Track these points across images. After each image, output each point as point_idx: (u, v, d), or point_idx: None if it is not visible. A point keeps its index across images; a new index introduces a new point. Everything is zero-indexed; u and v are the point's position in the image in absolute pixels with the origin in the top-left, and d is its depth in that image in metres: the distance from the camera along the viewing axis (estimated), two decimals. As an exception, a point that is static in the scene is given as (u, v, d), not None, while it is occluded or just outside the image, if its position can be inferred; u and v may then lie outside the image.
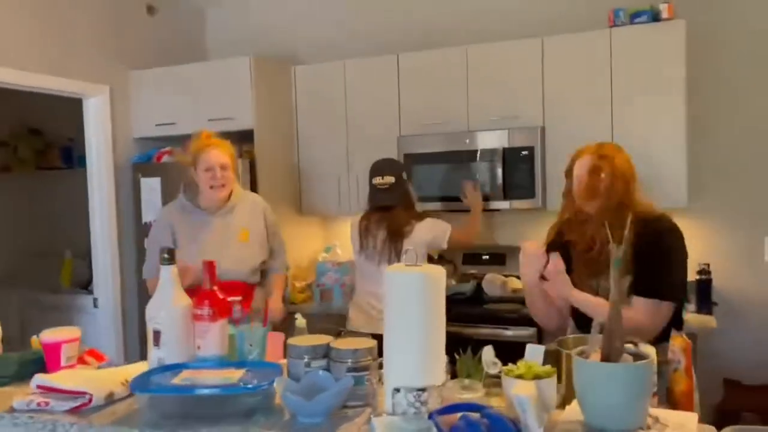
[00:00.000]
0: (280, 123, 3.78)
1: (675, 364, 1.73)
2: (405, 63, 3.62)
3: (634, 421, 1.22)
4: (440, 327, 1.36)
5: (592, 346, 1.27)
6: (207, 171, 2.63)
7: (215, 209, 2.72)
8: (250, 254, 2.74)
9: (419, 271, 1.33)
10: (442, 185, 3.53)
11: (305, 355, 1.50)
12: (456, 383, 1.39)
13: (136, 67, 3.83)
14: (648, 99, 3.14)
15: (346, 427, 1.35)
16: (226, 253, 2.59)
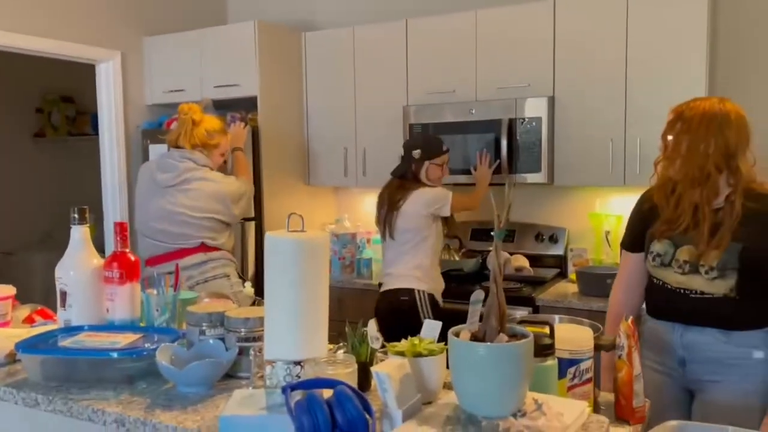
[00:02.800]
0: (288, 91, 3.72)
1: (619, 351, 1.58)
2: (414, 28, 3.47)
3: (506, 406, 1.09)
4: (321, 298, 1.26)
5: (471, 320, 1.14)
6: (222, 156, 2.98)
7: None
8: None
9: (297, 237, 1.23)
10: (447, 157, 3.38)
11: (202, 323, 1.45)
12: (337, 357, 1.29)
13: (150, 33, 3.85)
14: (666, 69, 2.87)
15: (221, 398, 1.29)
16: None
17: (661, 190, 1.83)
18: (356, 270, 3.49)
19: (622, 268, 1.99)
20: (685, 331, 1.81)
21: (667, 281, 1.82)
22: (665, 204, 1.80)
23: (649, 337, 1.90)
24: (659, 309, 1.88)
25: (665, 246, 1.80)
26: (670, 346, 1.84)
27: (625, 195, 3.28)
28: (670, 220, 1.78)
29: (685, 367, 1.83)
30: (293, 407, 1.07)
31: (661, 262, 1.82)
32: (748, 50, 3.02)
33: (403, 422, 1.09)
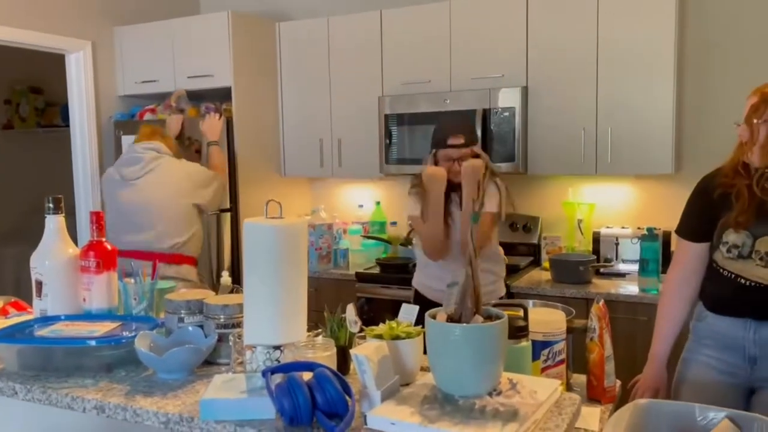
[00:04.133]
0: (262, 81, 3.70)
1: (591, 333, 1.62)
2: (388, 19, 3.48)
3: (482, 385, 1.12)
4: (299, 283, 1.28)
5: (447, 303, 1.17)
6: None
7: None
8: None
9: (275, 223, 1.24)
10: (421, 147, 3.41)
11: (181, 310, 1.45)
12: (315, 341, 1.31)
13: (121, 22, 3.80)
14: (635, 59, 2.93)
15: (201, 384, 1.30)
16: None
17: (738, 177, 1.70)
18: (333, 260, 3.50)
19: (680, 258, 1.85)
20: (759, 327, 1.68)
21: (744, 275, 1.68)
22: (744, 192, 1.67)
23: (711, 334, 1.78)
24: (726, 304, 1.74)
25: (743, 237, 1.67)
26: (739, 343, 1.72)
27: (596, 184, 3.35)
28: (748, 209, 1.66)
29: (755, 365, 1.71)
30: (274, 390, 1.09)
31: (738, 254, 1.68)
32: (716, 40, 3.09)
33: (382, 402, 1.11)
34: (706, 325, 1.79)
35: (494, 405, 1.08)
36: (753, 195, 1.67)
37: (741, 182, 1.68)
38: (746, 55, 3.03)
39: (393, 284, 3.22)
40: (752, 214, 1.66)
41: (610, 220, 3.31)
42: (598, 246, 3.18)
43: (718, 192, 1.73)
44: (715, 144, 2.97)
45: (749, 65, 3.02)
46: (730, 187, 1.69)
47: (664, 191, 3.21)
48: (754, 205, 1.66)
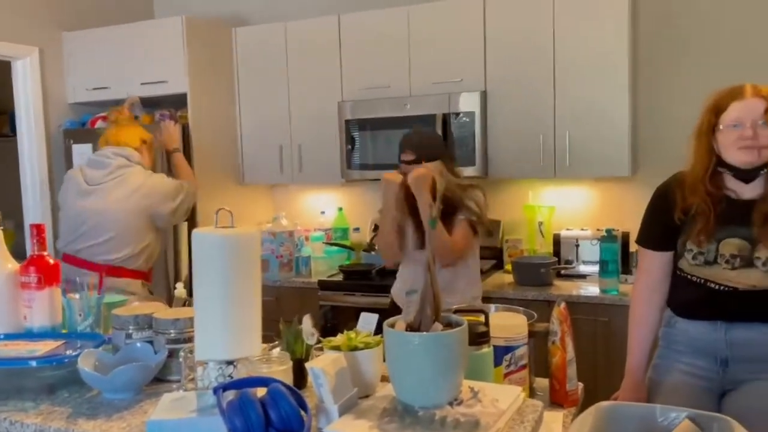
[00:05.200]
0: (219, 87, 3.63)
1: (553, 336, 1.61)
2: (346, 24, 3.44)
3: (442, 395, 1.09)
4: (252, 295, 1.22)
5: (406, 311, 1.13)
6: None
7: None
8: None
9: (225, 233, 1.19)
10: (383, 153, 3.38)
11: (129, 326, 1.38)
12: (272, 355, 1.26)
13: (70, 28, 3.68)
14: (591, 64, 2.97)
15: (149, 403, 1.24)
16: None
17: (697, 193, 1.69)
18: (295, 268, 3.44)
19: (645, 268, 1.83)
20: (729, 329, 1.68)
21: (714, 279, 1.68)
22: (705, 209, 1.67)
23: (682, 339, 1.77)
24: (696, 309, 1.73)
25: (706, 243, 1.67)
26: (710, 347, 1.71)
27: (556, 187, 3.38)
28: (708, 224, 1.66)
29: (727, 367, 1.71)
30: (225, 408, 1.03)
31: (704, 260, 1.68)
32: (669, 45, 3.15)
33: (340, 417, 1.07)
34: (677, 330, 1.79)
35: (455, 415, 1.05)
36: (712, 208, 1.66)
37: (700, 198, 1.67)
38: (698, 58, 3.10)
39: (356, 291, 3.18)
40: (713, 227, 1.66)
41: (570, 222, 3.34)
42: (558, 248, 3.20)
43: (679, 206, 1.71)
44: (670, 146, 3.02)
45: (701, 69, 3.08)
46: (689, 205, 1.68)
47: (622, 193, 3.25)
48: (713, 217, 1.66)
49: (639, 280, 1.86)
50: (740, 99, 1.63)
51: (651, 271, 1.81)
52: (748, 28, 3.02)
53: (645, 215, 1.83)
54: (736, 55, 3.03)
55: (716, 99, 1.69)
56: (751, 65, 2.99)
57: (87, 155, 3.49)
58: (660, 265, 1.79)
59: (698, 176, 1.68)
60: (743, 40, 3.02)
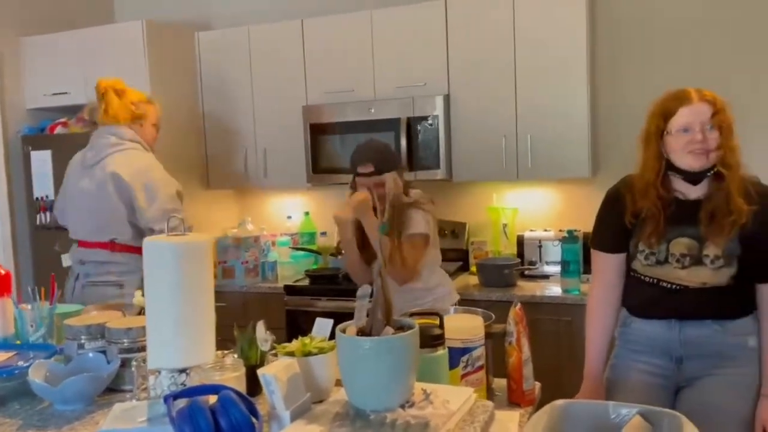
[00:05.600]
0: (182, 92, 3.59)
1: (509, 337, 1.63)
2: (310, 28, 3.45)
3: (394, 398, 1.10)
4: (204, 302, 1.22)
5: (358, 316, 1.14)
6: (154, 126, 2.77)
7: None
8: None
9: (175, 240, 1.19)
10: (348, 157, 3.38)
11: (81, 336, 1.37)
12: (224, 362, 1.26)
13: (28, 33, 3.61)
14: (551, 68, 3.02)
15: (101, 414, 1.23)
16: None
17: (647, 197, 1.72)
18: (261, 273, 3.42)
19: (600, 270, 1.85)
20: (683, 327, 1.72)
21: (666, 278, 1.72)
22: (655, 212, 1.70)
23: (638, 338, 1.81)
24: (650, 308, 1.77)
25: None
26: (665, 345, 1.75)
27: (519, 189, 3.42)
28: (658, 227, 1.70)
29: (681, 364, 1.75)
30: (175, 417, 1.03)
31: (656, 260, 1.72)
32: (628, 47, 3.22)
33: (291, 422, 1.08)
34: (632, 330, 1.82)
35: (406, 418, 1.07)
36: (662, 210, 1.69)
37: (651, 201, 1.69)
38: (657, 61, 3.17)
39: (323, 296, 3.18)
40: (663, 228, 1.69)
41: (533, 223, 3.39)
42: (522, 249, 3.25)
43: (630, 210, 1.74)
44: (629, 148, 3.00)
45: (660, 71, 3.16)
46: (639, 209, 1.72)
47: (583, 194, 3.30)
48: (663, 219, 1.69)
49: (594, 282, 1.89)
50: (688, 104, 1.66)
51: (605, 273, 1.84)
52: (705, 31, 3.10)
53: (597, 219, 1.86)
54: (693, 57, 3.11)
55: (663, 104, 1.71)
56: (708, 67, 3.08)
57: (47, 162, 3.45)
58: (614, 267, 1.82)
59: (649, 180, 1.70)
60: (700, 42, 3.11)
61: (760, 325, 1.71)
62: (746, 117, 3.04)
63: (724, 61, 3.07)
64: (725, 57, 3.07)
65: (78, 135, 3.40)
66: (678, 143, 1.66)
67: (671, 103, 1.69)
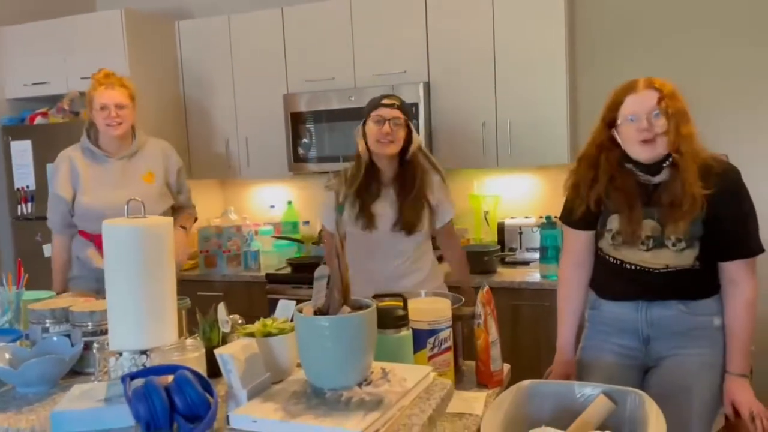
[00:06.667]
0: (162, 81, 3.58)
1: (477, 319, 1.65)
2: (290, 16, 3.44)
3: (351, 376, 1.11)
4: (164, 285, 1.22)
5: (316, 296, 1.15)
6: (102, 110, 2.50)
7: (117, 151, 2.59)
8: (156, 198, 2.61)
9: (134, 223, 1.19)
10: (330, 145, 3.39)
11: (45, 320, 1.37)
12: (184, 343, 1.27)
13: (6, 22, 3.58)
14: (530, 54, 3.02)
15: (62, 395, 1.23)
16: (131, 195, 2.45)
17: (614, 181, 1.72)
18: (243, 262, 3.42)
19: (570, 247, 1.88)
20: (649, 308, 1.75)
21: (629, 260, 1.73)
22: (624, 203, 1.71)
23: (606, 320, 1.83)
24: (616, 290, 1.79)
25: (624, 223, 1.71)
26: (633, 326, 1.77)
27: (499, 176, 3.43)
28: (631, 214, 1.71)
29: (648, 345, 1.77)
30: (131, 396, 1.04)
31: (623, 240, 1.72)
32: (605, 33, 3.23)
33: (249, 401, 1.09)
34: (601, 312, 1.84)
35: (361, 395, 1.08)
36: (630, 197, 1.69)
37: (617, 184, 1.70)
38: (635, 46, 3.18)
39: (304, 284, 3.19)
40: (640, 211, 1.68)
41: (514, 211, 3.40)
42: (503, 236, 3.26)
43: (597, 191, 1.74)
44: None
45: (638, 56, 3.16)
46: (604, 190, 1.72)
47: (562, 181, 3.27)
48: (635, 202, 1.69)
49: (565, 259, 1.92)
50: (633, 93, 1.66)
51: (575, 251, 1.87)
52: (684, 19, 3.11)
53: (566, 197, 1.87)
54: (672, 46, 3.12)
55: (613, 95, 1.72)
56: (687, 55, 3.09)
57: (27, 152, 3.43)
58: (583, 243, 1.84)
59: (608, 171, 1.72)
60: (680, 30, 3.11)
61: (724, 303, 1.73)
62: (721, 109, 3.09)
63: (703, 50, 3.08)
64: (705, 46, 3.08)
65: (58, 125, 3.40)
66: (627, 133, 1.66)
67: (619, 94, 1.70)
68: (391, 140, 2.09)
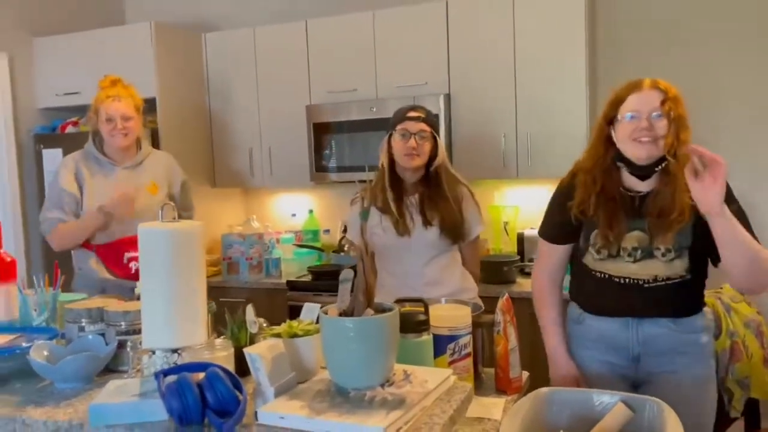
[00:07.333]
0: (189, 92, 3.67)
1: (497, 326, 1.68)
2: (314, 29, 3.51)
3: (374, 377, 1.15)
4: (196, 286, 1.28)
5: (340, 299, 1.20)
6: (108, 122, 2.52)
7: (122, 160, 2.61)
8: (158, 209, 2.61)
9: (168, 226, 1.25)
10: (351, 155, 3.45)
11: (81, 319, 1.43)
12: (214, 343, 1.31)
13: (40, 33, 3.71)
14: (550, 65, 3.06)
15: (98, 391, 1.28)
16: (135, 205, 2.49)
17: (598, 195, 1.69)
18: (265, 270, 3.48)
19: (545, 260, 1.86)
20: (640, 325, 1.70)
21: (617, 273, 1.69)
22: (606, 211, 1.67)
23: (591, 336, 1.78)
24: (604, 305, 1.74)
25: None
26: (623, 344, 1.72)
27: (518, 186, 3.46)
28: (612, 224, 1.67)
29: (639, 362, 1.73)
30: (164, 391, 1.09)
31: (608, 254, 1.68)
32: (625, 45, 3.26)
33: (275, 398, 1.13)
34: (586, 327, 1.78)
35: (383, 395, 1.11)
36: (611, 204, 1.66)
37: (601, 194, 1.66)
38: (655, 59, 3.20)
39: (325, 291, 3.23)
40: (623, 223, 1.66)
41: (534, 221, 3.39)
42: (522, 246, 3.28)
43: (577, 202, 1.71)
44: None
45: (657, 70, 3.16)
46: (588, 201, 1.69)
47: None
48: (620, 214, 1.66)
49: (540, 268, 1.88)
50: (638, 91, 1.63)
51: (551, 261, 1.84)
52: (704, 28, 3.13)
53: (548, 208, 1.86)
54: (692, 55, 3.14)
55: (617, 92, 1.68)
56: (706, 63, 3.10)
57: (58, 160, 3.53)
58: (560, 256, 1.83)
59: (585, 167, 1.70)
60: (699, 40, 3.13)
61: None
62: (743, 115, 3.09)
63: (721, 59, 3.09)
64: (723, 55, 3.10)
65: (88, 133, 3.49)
66: (625, 130, 1.62)
67: (623, 91, 1.66)
68: (417, 154, 2.11)
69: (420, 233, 2.14)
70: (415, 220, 2.14)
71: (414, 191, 2.18)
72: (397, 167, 2.17)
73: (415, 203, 2.16)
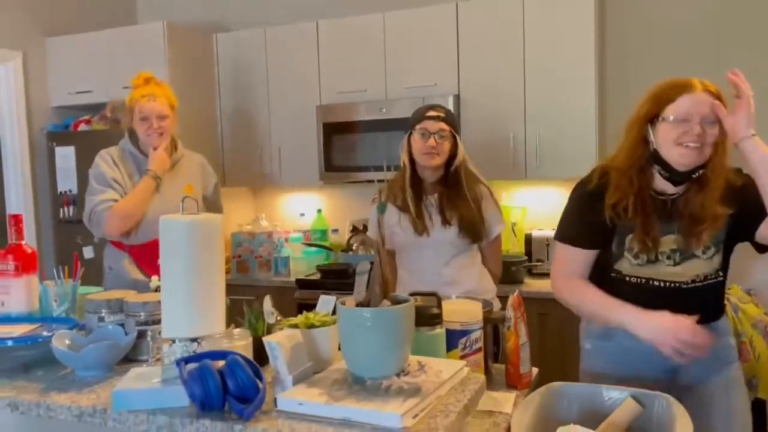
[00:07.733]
0: (200, 92, 3.71)
1: (507, 322, 1.70)
2: (324, 30, 3.55)
3: (390, 366, 1.17)
4: (214, 276, 1.30)
5: (357, 291, 1.22)
6: (143, 121, 2.49)
7: None
8: (194, 210, 2.61)
9: (189, 218, 1.28)
10: (360, 155, 3.48)
11: (101, 309, 1.46)
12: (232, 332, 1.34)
13: (53, 33, 3.75)
14: (559, 67, 3.09)
15: (119, 379, 1.31)
16: (171, 206, 2.46)
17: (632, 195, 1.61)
18: (274, 268, 3.51)
19: (569, 263, 1.71)
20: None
21: (657, 277, 1.62)
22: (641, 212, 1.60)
23: (625, 352, 1.66)
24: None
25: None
26: (660, 357, 1.55)
27: (527, 188, 3.48)
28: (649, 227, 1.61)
29: (677, 374, 1.65)
30: (186, 377, 1.11)
31: (647, 259, 1.61)
32: (635, 46, 3.28)
33: (294, 386, 1.15)
34: (617, 345, 1.68)
35: (399, 384, 1.14)
36: (646, 207, 1.59)
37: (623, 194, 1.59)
38: (664, 60, 3.22)
39: (333, 290, 3.24)
40: (657, 228, 1.59)
41: (542, 222, 3.44)
42: (530, 247, 3.30)
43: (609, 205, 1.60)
44: None
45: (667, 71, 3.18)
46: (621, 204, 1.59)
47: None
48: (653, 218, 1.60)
49: (562, 273, 1.73)
50: (690, 92, 1.53)
51: (574, 267, 1.70)
52: (714, 29, 3.14)
53: (570, 213, 1.73)
54: (703, 56, 3.15)
55: (661, 89, 1.59)
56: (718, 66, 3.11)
57: (70, 157, 3.58)
58: (585, 260, 1.70)
59: (621, 168, 1.60)
60: (710, 41, 3.15)
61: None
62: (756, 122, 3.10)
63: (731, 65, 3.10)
64: (735, 56, 3.11)
65: (100, 132, 3.54)
66: (671, 133, 1.53)
67: (671, 90, 1.56)
68: (436, 153, 2.13)
69: (439, 233, 2.17)
70: (434, 220, 2.16)
71: (433, 191, 2.20)
72: (417, 167, 2.18)
73: (434, 203, 2.18)
